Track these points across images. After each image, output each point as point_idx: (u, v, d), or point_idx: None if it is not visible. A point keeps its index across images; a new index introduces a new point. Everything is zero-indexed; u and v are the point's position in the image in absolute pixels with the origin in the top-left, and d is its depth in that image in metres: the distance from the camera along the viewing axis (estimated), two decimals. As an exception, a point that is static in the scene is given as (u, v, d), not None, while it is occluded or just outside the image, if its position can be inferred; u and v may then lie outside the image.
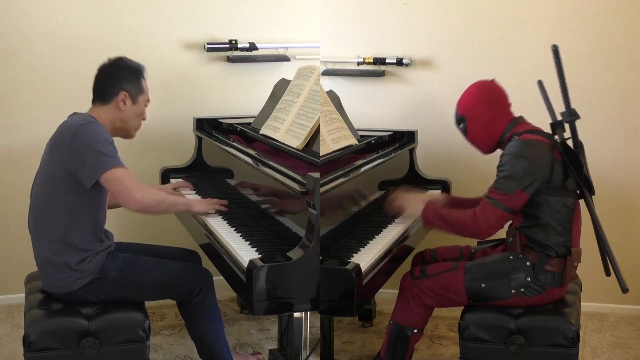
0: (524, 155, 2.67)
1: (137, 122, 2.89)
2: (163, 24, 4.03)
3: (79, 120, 2.71)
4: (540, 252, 2.73)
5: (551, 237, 2.71)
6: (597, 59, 3.76)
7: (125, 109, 2.81)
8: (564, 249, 2.73)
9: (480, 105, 2.84)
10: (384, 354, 2.93)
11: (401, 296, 2.90)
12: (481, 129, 2.86)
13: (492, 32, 3.88)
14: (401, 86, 4.08)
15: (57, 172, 2.68)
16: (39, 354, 2.56)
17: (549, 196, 2.70)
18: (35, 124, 3.81)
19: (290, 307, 2.42)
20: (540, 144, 2.71)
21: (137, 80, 2.85)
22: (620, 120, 3.79)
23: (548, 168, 2.68)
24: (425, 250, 3.19)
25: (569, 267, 2.72)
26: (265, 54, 4.21)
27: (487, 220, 2.68)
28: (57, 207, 2.68)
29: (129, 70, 2.85)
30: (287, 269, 2.36)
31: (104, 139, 2.66)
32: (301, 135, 3.01)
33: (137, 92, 2.84)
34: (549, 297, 2.75)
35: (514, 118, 2.87)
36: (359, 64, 4.10)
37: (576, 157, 2.71)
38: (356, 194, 3.09)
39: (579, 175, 2.71)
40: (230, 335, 3.55)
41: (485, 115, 2.84)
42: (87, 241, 2.71)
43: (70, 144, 2.64)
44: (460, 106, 2.90)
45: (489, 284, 2.75)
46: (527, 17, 3.83)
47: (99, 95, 2.82)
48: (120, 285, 2.74)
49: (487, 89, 2.88)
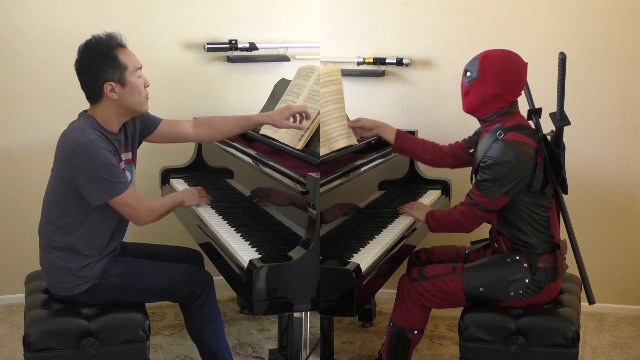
0: (508, 161, 2.67)
1: (139, 98, 2.67)
2: (163, 24, 4.03)
3: (78, 133, 2.59)
4: (529, 252, 2.75)
5: (532, 237, 2.75)
6: (597, 59, 3.76)
7: (118, 95, 2.63)
8: (548, 245, 2.76)
9: (498, 77, 2.75)
10: (385, 356, 2.93)
11: (399, 298, 2.90)
12: (480, 96, 2.78)
13: (492, 32, 3.88)
14: (401, 86, 4.08)
15: (60, 185, 2.65)
16: (39, 354, 2.56)
17: (527, 198, 2.73)
18: (34, 125, 3.81)
19: (290, 307, 2.42)
20: (526, 148, 2.69)
21: (112, 60, 2.60)
22: (620, 120, 3.79)
23: (530, 173, 2.69)
24: (421, 250, 3.19)
25: (559, 260, 2.76)
26: (265, 54, 4.21)
27: (467, 217, 2.80)
28: (61, 215, 2.68)
29: (100, 57, 2.59)
30: (287, 269, 2.36)
31: (103, 163, 2.55)
32: (301, 135, 3.01)
33: (120, 73, 2.61)
34: (546, 294, 2.77)
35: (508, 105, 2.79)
36: (359, 64, 4.10)
37: (557, 158, 2.73)
38: (356, 194, 3.09)
39: (557, 177, 2.73)
40: (230, 335, 3.55)
41: (493, 89, 2.75)
42: (91, 248, 2.70)
43: (68, 162, 2.58)
44: (482, 61, 2.78)
45: (488, 289, 2.76)
46: (527, 17, 3.83)
47: (88, 95, 2.68)
48: (120, 290, 2.74)
49: (515, 66, 2.78)
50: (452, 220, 2.85)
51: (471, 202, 2.77)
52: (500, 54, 2.80)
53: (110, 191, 2.59)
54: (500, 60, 2.77)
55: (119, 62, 2.62)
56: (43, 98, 3.84)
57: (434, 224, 2.95)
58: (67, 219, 2.67)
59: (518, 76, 2.79)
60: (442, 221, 2.92)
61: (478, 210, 2.76)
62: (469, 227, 2.85)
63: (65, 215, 2.67)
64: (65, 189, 2.64)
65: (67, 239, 2.67)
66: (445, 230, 2.94)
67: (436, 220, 2.94)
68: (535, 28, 3.81)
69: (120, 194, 2.61)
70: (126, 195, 2.62)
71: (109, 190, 2.59)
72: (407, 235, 3.01)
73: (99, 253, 2.72)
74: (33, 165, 3.85)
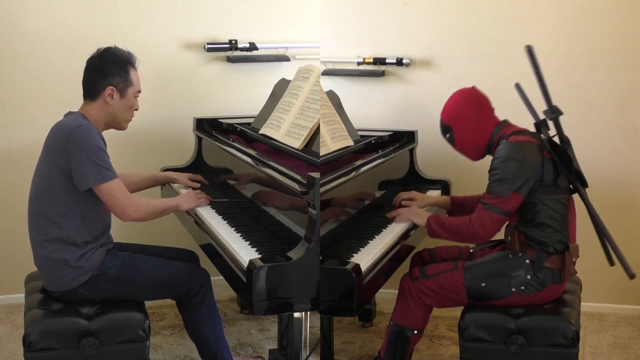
0: (513, 157, 2.69)
1: (127, 115, 2.85)
2: (163, 24, 4.03)
3: (71, 121, 2.70)
4: (539, 250, 2.74)
5: (548, 235, 2.73)
6: (597, 59, 3.76)
7: (113, 103, 2.78)
8: (561, 245, 2.74)
9: (465, 111, 2.88)
10: (384, 354, 2.94)
11: (401, 297, 2.90)
12: (468, 135, 2.89)
13: (492, 32, 3.88)
14: (401, 86, 4.08)
15: (53, 173, 2.68)
16: (39, 354, 2.56)
17: (543, 195, 2.72)
18: (34, 125, 3.81)
19: (290, 307, 2.42)
20: (529, 144, 2.73)
21: (124, 72, 2.79)
22: (620, 120, 3.79)
23: (539, 167, 2.70)
24: (424, 250, 3.19)
25: (567, 263, 2.74)
26: (265, 54, 4.21)
27: (483, 226, 2.72)
28: (54, 207, 2.69)
29: (116, 63, 2.78)
30: (287, 269, 2.36)
31: (97, 146, 2.64)
32: (301, 136, 3.01)
33: (125, 85, 2.79)
34: (548, 294, 2.76)
35: (500, 122, 2.90)
36: (359, 64, 4.10)
37: (564, 152, 2.73)
38: (356, 193, 3.09)
39: (569, 170, 2.72)
40: (230, 335, 3.55)
41: (471, 121, 2.87)
42: (85, 237, 2.72)
43: (64, 145, 2.64)
44: (445, 115, 2.94)
45: (489, 283, 2.75)
46: (527, 17, 3.83)
47: (87, 91, 2.80)
48: (119, 283, 2.74)
49: (468, 95, 2.92)
50: (464, 225, 2.74)
51: (486, 207, 2.70)
52: (450, 100, 2.95)
53: (98, 176, 2.63)
54: (454, 102, 2.93)
55: (129, 76, 2.81)
56: (43, 98, 3.84)
57: (437, 229, 2.85)
58: (60, 209, 2.68)
59: (476, 98, 2.91)
60: (448, 227, 2.82)
61: (495, 213, 2.69)
62: (484, 235, 2.73)
63: (57, 206, 2.68)
64: (60, 177, 2.66)
65: (62, 231, 2.69)
66: (449, 236, 2.84)
67: (444, 227, 2.83)
68: (535, 28, 3.81)
69: (107, 182, 2.64)
70: (113, 184, 2.66)
71: (98, 176, 2.63)
72: (407, 235, 3.01)
73: (94, 241, 2.74)
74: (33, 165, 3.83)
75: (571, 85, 3.80)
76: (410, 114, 4.07)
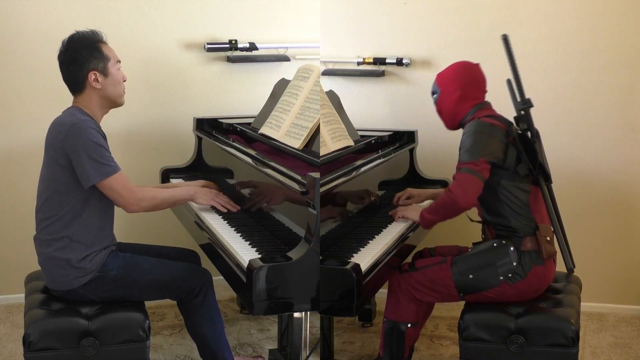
0: (480, 131, 2.80)
1: (119, 90, 2.82)
2: (163, 24, 4.03)
3: (68, 117, 2.70)
4: (513, 236, 2.80)
5: (514, 220, 2.80)
6: (596, 59, 3.76)
7: (101, 85, 2.76)
8: (529, 228, 2.80)
9: (455, 82, 2.97)
10: (382, 352, 2.94)
11: (391, 292, 2.94)
12: (448, 104, 2.99)
13: (492, 32, 3.87)
14: (401, 86, 4.08)
15: (57, 172, 2.68)
16: (39, 354, 2.56)
17: (503, 179, 2.80)
18: (35, 125, 3.81)
19: (290, 307, 2.42)
20: (495, 126, 2.82)
21: (97, 52, 2.76)
22: (620, 120, 3.79)
23: (502, 147, 2.79)
24: (424, 249, 3.21)
25: (542, 242, 2.77)
26: (265, 54, 4.21)
27: (458, 185, 2.75)
28: (60, 205, 2.69)
29: (85, 47, 2.75)
30: (287, 269, 2.36)
31: (94, 142, 2.64)
32: (301, 136, 3.01)
33: (104, 64, 2.77)
34: (534, 279, 2.78)
35: (480, 102, 2.97)
36: (359, 64, 4.10)
37: (531, 145, 2.81)
38: (356, 193, 3.09)
39: (533, 164, 2.79)
40: (230, 335, 3.55)
41: (455, 93, 2.96)
42: (91, 238, 2.72)
43: (62, 144, 2.64)
44: (438, 77, 3.05)
45: (477, 275, 2.79)
46: (527, 17, 3.83)
47: (72, 86, 2.80)
48: (120, 284, 2.74)
49: (465, 68, 3.00)
50: (444, 195, 2.77)
51: (459, 170, 2.76)
52: (450, 66, 3.04)
53: (99, 173, 2.63)
54: (451, 69, 3.02)
55: (102, 54, 2.78)
56: (43, 98, 3.84)
57: (428, 216, 2.88)
58: (67, 208, 2.69)
59: (472, 74, 2.99)
60: (434, 208, 2.86)
61: (468, 174, 2.73)
62: (463, 196, 2.72)
63: (64, 205, 2.69)
64: (63, 175, 2.66)
65: (68, 229, 2.69)
66: (439, 216, 2.86)
67: (433, 210, 2.86)
68: (535, 28, 3.82)
69: (108, 177, 2.64)
70: (113, 179, 2.66)
71: (98, 172, 2.63)
72: (407, 235, 3.01)
73: (100, 243, 2.74)
74: (33, 165, 3.82)
75: (571, 85, 3.80)
76: (410, 114, 4.07)
